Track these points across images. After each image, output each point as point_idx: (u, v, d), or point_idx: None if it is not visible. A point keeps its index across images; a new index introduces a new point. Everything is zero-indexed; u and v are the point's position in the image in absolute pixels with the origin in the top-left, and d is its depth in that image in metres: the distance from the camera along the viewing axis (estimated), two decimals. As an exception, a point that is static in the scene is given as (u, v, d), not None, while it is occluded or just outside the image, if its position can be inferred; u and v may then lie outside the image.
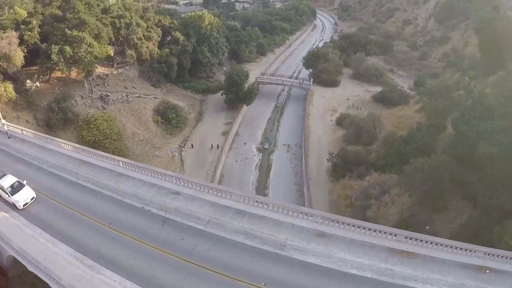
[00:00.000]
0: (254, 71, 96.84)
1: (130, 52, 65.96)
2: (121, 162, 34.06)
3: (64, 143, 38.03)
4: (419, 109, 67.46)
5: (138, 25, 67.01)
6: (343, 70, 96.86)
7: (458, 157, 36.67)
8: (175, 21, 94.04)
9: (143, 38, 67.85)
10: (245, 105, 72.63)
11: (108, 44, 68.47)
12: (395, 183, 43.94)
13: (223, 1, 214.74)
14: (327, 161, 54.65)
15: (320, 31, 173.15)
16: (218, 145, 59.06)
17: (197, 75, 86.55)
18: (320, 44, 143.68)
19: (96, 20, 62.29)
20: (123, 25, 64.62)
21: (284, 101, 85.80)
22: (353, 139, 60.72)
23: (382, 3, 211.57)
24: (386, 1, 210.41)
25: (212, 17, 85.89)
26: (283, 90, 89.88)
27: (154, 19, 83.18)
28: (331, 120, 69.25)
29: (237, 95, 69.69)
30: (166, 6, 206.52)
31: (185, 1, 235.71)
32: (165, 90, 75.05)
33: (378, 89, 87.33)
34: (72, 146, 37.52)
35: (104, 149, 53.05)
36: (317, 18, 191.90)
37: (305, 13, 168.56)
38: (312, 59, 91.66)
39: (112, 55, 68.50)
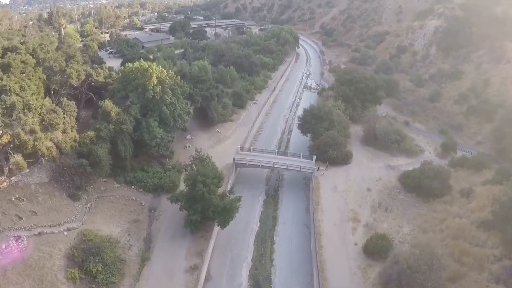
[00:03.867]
0: (231, 138, 71.08)
1: (15, 159, 38.32)
2: None
3: None
4: (483, 223, 42.94)
5: (29, 108, 39.43)
6: (350, 128, 72.90)
7: None
8: (113, 73, 66.95)
9: (38, 130, 39.92)
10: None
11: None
12: None
13: (192, 27, 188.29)
14: None
15: (305, 62, 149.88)
16: None
17: (148, 153, 59.53)
18: (309, 82, 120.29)
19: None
20: (0, 110, 37.37)
21: (275, 190, 59.48)
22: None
23: (368, 25, 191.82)
24: (373, 23, 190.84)
25: (164, 70, 58.72)
26: (272, 170, 63.92)
27: (78, 75, 56.01)
28: (355, 244, 43.85)
29: (205, 214, 42.81)
30: (128, 34, 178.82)
31: (151, 27, 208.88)
32: (94, 197, 47.65)
33: (402, 161, 64.37)
34: None
35: None
36: (299, 45, 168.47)
37: (287, 42, 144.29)
38: (312, 122, 66.33)
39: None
